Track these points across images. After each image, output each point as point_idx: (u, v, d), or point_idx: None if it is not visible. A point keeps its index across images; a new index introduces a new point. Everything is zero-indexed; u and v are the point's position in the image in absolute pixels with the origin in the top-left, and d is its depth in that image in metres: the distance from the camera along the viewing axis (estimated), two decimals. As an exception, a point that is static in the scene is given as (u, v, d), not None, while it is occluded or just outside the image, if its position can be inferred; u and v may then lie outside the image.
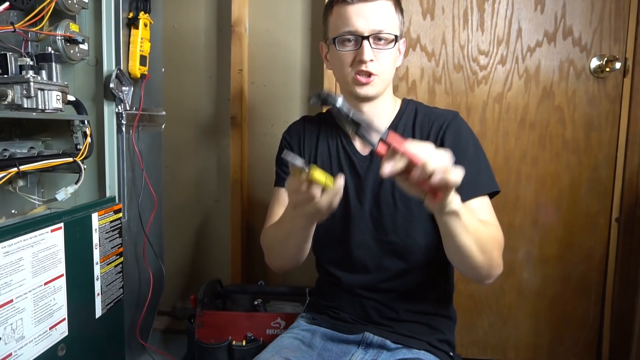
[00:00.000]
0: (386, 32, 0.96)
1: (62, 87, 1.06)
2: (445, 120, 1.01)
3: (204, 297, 1.41)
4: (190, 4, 1.70)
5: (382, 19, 0.95)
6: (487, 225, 0.92)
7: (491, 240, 0.89)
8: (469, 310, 1.66)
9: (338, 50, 0.98)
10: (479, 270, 0.89)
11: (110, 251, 1.18)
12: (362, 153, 1.04)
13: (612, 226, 1.58)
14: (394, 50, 0.98)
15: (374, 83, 0.97)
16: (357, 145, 1.06)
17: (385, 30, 0.96)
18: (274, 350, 0.99)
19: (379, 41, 0.96)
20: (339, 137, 1.07)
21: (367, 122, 0.75)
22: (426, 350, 0.99)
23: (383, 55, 0.97)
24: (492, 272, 0.91)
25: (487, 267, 0.89)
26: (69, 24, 1.13)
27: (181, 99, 1.73)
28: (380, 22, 0.95)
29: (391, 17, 0.97)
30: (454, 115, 1.02)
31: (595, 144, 1.57)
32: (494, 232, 0.92)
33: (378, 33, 0.95)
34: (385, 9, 0.96)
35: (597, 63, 1.54)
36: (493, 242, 0.90)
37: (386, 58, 0.97)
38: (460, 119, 1.03)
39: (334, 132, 1.09)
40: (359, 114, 0.76)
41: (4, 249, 0.84)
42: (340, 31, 0.97)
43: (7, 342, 0.85)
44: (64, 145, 1.22)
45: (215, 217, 1.78)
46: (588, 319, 1.63)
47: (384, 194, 1.01)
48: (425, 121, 1.03)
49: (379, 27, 0.95)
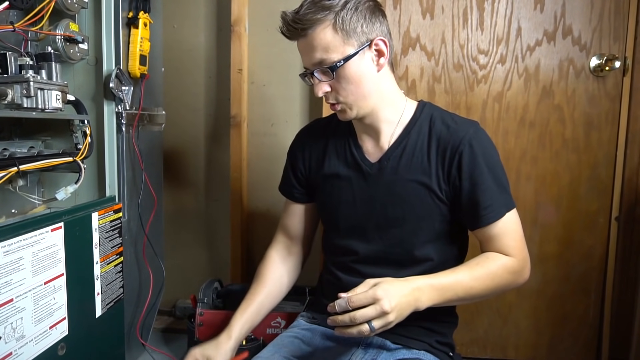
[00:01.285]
0: (328, 62, 0.89)
1: (62, 86, 1.06)
2: (462, 141, 0.93)
3: (204, 297, 1.41)
4: (190, 4, 1.70)
5: (319, 50, 0.89)
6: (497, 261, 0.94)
7: (498, 280, 0.93)
8: (468, 309, 1.66)
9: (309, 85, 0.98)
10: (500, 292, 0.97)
11: (110, 251, 1.18)
12: (370, 160, 1.01)
13: (612, 225, 1.58)
14: (350, 72, 0.90)
15: (343, 109, 0.95)
16: (366, 151, 1.02)
17: (326, 61, 0.89)
18: (274, 349, 0.99)
19: (325, 73, 0.91)
20: (348, 142, 1.04)
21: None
22: (426, 351, 0.99)
23: (338, 83, 0.92)
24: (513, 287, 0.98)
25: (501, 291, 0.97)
26: (68, 24, 1.13)
27: (181, 98, 1.73)
28: (317, 54, 0.90)
29: (329, 41, 0.89)
30: (474, 129, 0.96)
31: (595, 143, 1.57)
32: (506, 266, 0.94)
33: (319, 66, 0.91)
34: (319, 37, 0.89)
35: (596, 62, 1.54)
36: (502, 280, 0.93)
37: (342, 85, 0.91)
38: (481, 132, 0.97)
39: (343, 137, 1.05)
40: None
41: (4, 249, 0.84)
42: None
43: (7, 341, 0.85)
44: (63, 144, 1.22)
45: (215, 216, 1.78)
46: (588, 318, 1.64)
47: (393, 204, 0.99)
48: (443, 131, 0.96)
49: (317, 60, 0.90)
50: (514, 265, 0.94)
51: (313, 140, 1.10)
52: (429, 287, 0.86)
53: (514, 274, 0.95)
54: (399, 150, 0.98)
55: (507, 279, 0.94)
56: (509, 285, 0.96)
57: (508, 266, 0.94)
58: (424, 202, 0.97)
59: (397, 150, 0.98)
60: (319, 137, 1.09)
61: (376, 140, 1.01)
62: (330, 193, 1.06)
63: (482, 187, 0.93)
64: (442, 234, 0.99)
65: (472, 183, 0.93)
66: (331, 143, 1.07)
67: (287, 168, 1.15)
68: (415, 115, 1.00)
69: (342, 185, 1.04)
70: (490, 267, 0.93)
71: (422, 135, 0.98)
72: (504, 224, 0.95)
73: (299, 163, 1.11)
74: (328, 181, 1.06)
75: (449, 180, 0.95)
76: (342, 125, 1.06)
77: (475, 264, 0.92)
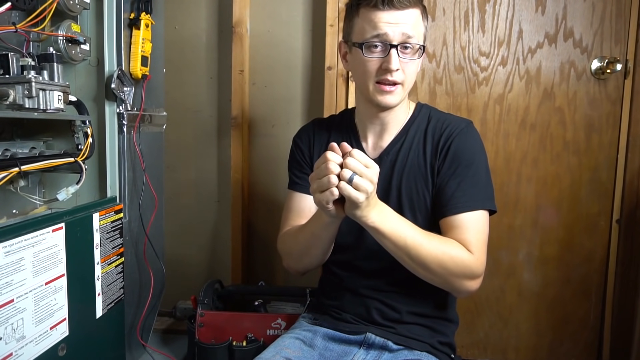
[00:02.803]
0: (414, 41, 0.93)
1: (64, 87, 1.06)
2: (457, 129, 0.99)
3: (204, 298, 1.41)
4: (191, 5, 1.70)
5: (411, 28, 0.92)
6: (453, 248, 0.91)
7: (447, 266, 0.90)
8: (469, 311, 1.66)
9: (364, 56, 0.94)
10: (437, 285, 0.95)
11: (111, 251, 1.18)
12: (371, 156, 1.04)
13: (613, 228, 1.58)
14: (419, 60, 0.96)
15: (396, 92, 0.96)
16: (367, 148, 1.06)
17: (414, 39, 0.93)
18: (274, 350, 0.99)
19: (406, 50, 0.93)
20: (349, 139, 1.07)
21: None
22: (428, 352, 0.99)
23: (409, 64, 0.94)
24: (457, 292, 0.97)
25: (446, 287, 0.95)
26: (70, 25, 1.13)
27: (182, 99, 1.73)
28: (410, 30, 0.92)
29: (419, 25, 0.94)
30: (466, 124, 1.01)
31: (596, 146, 1.57)
32: (461, 257, 0.91)
33: (406, 42, 0.92)
34: (415, 17, 0.93)
35: (598, 65, 1.54)
36: (453, 267, 0.90)
37: (412, 67, 0.95)
38: (472, 129, 1.01)
39: (344, 134, 1.09)
40: None
41: (5, 249, 0.84)
42: (368, 36, 0.93)
43: (7, 341, 0.85)
44: (65, 145, 1.22)
45: (216, 217, 1.78)
46: (588, 320, 1.63)
47: (390, 197, 1.01)
48: (437, 127, 1.01)
49: (408, 35, 0.92)
50: (470, 261, 0.91)
51: (318, 133, 1.13)
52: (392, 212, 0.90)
53: (465, 269, 0.91)
54: (397, 146, 1.03)
55: (455, 267, 0.90)
56: (452, 277, 0.91)
57: (464, 258, 0.91)
58: (420, 194, 1.00)
59: (395, 146, 1.03)
60: (324, 131, 1.13)
61: (379, 137, 1.05)
62: None
63: (459, 179, 0.96)
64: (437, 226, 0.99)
65: (452, 173, 0.97)
66: (333, 139, 1.08)
67: (296, 160, 1.14)
68: (414, 115, 1.05)
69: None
70: (447, 246, 0.91)
71: (419, 132, 1.03)
72: (470, 218, 0.94)
73: (304, 152, 1.12)
74: None
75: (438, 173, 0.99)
76: (343, 124, 1.10)
77: (436, 236, 0.92)
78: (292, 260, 1.08)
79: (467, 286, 0.94)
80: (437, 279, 0.92)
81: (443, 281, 0.93)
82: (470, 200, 0.94)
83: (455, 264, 0.90)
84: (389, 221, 0.88)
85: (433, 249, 0.89)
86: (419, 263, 0.90)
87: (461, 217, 0.94)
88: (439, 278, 0.92)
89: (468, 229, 0.93)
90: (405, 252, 0.89)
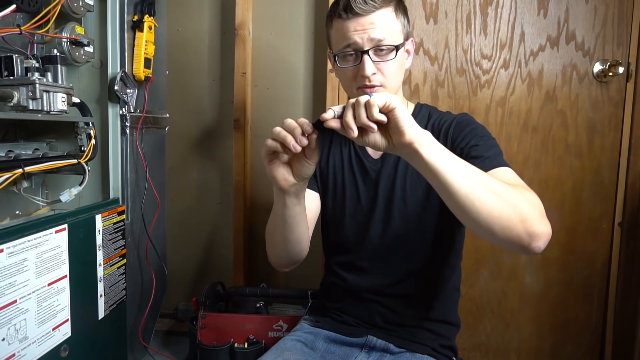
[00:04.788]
0: (386, 42, 0.92)
1: (67, 89, 1.06)
2: (453, 121, 1.00)
3: (206, 299, 1.41)
4: (194, 8, 1.71)
5: (381, 30, 0.91)
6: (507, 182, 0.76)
7: (511, 189, 0.73)
8: (471, 313, 1.65)
9: (340, 66, 0.96)
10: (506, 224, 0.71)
11: (114, 253, 1.18)
12: (373, 156, 1.04)
13: (615, 230, 1.58)
14: (398, 59, 0.95)
15: None
16: (368, 148, 1.05)
17: (385, 40, 0.92)
18: (276, 352, 0.99)
19: (380, 52, 0.93)
20: (351, 141, 1.06)
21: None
22: (429, 355, 0.99)
23: (387, 65, 0.94)
24: (532, 227, 0.71)
25: (518, 218, 0.71)
26: (74, 27, 1.13)
27: (185, 101, 1.74)
28: (379, 33, 0.91)
29: (391, 24, 0.93)
30: (464, 114, 1.02)
31: (598, 148, 1.57)
32: (519, 188, 0.76)
33: (377, 45, 0.92)
34: (383, 18, 0.92)
35: (600, 67, 1.54)
36: (515, 192, 0.73)
37: (390, 68, 0.94)
38: (468, 116, 1.02)
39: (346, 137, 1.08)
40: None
41: (8, 250, 0.84)
42: (340, 47, 0.94)
43: (10, 342, 0.85)
44: (68, 146, 1.22)
45: (218, 219, 1.78)
46: (590, 323, 1.63)
47: (396, 199, 1.00)
48: (437, 122, 1.02)
49: (378, 39, 0.91)
50: (533, 196, 0.76)
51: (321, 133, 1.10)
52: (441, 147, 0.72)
53: (535, 201, 0.75)
54: None
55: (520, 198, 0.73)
56: (521, 208, 0.71)
57: (525, 192, 0.76)
58: (424, 193, 0.99)
59: None
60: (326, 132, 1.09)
61: None
62: (334, 189, 1.07)
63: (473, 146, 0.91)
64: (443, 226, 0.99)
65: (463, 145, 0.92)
66: (335, 140, 1.09)
67: None
68: (414, 114, 1.05)
69: (345, 182, 1.05)
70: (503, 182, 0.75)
71: None
72: (506, 172, 0.85)
73: None
74: (331, 178, 1.07)
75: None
76: None
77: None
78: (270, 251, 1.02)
79: (542, 219, 0.73)
80: (506, 208, 0.71)
81: (516, 210, 0.71)
82: (498, 159, 0.88)
83: (522, 192, 0.75)
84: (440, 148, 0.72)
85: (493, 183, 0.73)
86: (486, 187, 0.71)
87: (495, 171, 0.85)
88: (510, 205, 0.71)
89: (508, 178, 0.83)
90: (469, 173, 0.72)
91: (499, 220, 0.71)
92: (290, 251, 0.96)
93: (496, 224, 0.71)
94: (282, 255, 0.99)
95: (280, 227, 0.92)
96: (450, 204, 0.73)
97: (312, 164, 0.81)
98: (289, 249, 0.96)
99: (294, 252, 0.97)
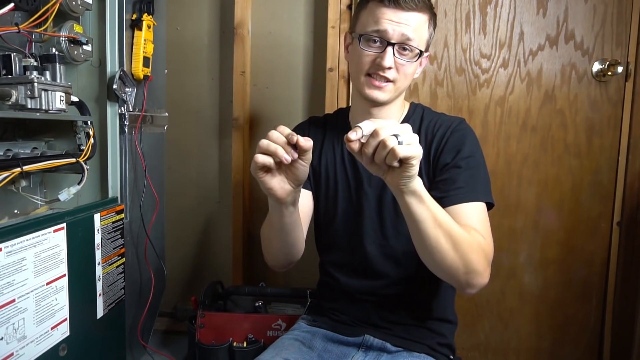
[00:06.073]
0: (413, 44, 0.93)
1: (66, 87, 1.06)
2: (452, 125, 1.00)
3: (205, 299, 1.41)
4: (193, 6, 1.71)
5: (413, 30, 0.92)
6: (469, 230, 0.85)
7: (469, 242, 0.82)
8: (469, 313, 1.65)
9: (361, 48, 0.95)
10: (453, 272, 0.82)
11: (112, 252, 1.18)
12: None
13: (614, 230, 1.58)
14: (415, 63, 0.96)
15: (387, 89, 0.96)
16: None
17: (414, 42, 0.93)
18: (274, 351, 0.99)
19: (404, 51, 0.93)
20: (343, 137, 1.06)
21: None
22: (427, 354, 0.99)
23: (405, 66, 0.94)
24: (471, 279, 0.83)
25: (464, 270, 0.82)
26: (73, 25, 1.13)
27: (184, 100, 1.74)
28: (410, 32, 0.92)
29: (422, 30, 0.94)
30: (460, 121, 1.01)
31: (597, 148, 1.57)
32: (477, 238, 0.85)
33: (405, 43, 0.92)
34: (419, 22, 0.93)
35: (599, 67, 1.54)
36: (472, 244, 0.82)
37: (407, 69, 0.95)
38: (467, 125, 1.02)
39: (339, 133, 1.08)
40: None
41: (6, 249, 0.84)
42: (369, 30, 0.93)
43: (8, 341, 0.85)
44: (67, 145, 1.22)
45: (217, 218, 1.78)
46: (589, 323, 1.63)
47: (387, 200, 1.00)
48: (431, 126, 1.02)
49: (408, 37, 0.92)
50: (484, 243, 0.86)
51: (313, 131, 1.12)
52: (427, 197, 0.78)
53: (483, 250, 0.85)
54: None
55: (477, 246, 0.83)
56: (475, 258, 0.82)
57: (480, 239, 0.85)
58: None
59: None
60: (319, 130, 1.12)
61: None
62: (327, 188, 1.07)
63: (458, 170, 0.94)
64: None
65: (451, 166, 0.95)
66: (328, 139, 1.09)
67: None
68: (409, 115, 1.06)
69: (338, 181, 1.05)
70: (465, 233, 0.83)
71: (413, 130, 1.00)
72: (473, 208, 0.91)
73: None
74: (324, 176, 1.07)
75: (435, 167, 0.98)
76: (338, 123, 1.10)
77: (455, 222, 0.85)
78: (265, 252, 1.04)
79: (483, 273, 0.84)
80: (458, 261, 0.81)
81: (465, 263, 0.81)
82: (472, 192, 0.92)
83: (477, 242, 0.84)
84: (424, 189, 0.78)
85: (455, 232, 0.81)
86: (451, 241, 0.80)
87: (463, 206, 0.91)
88: (462, 259, 0.81)
89: (472, 217, 0.90)
90: (440, 225, 0.79)
91: (448, 269, 0.83)
92: (287, 254, 0.99)
93: (444, 270, 0.84)
94: (279, 258, 1.01)
95: (277, 234, 0.94)
96: (414, 239, 0.83)
97: (306, 165, 0.81)
98: (286, 252, 0.98)
99: (291, 255, 0.99)
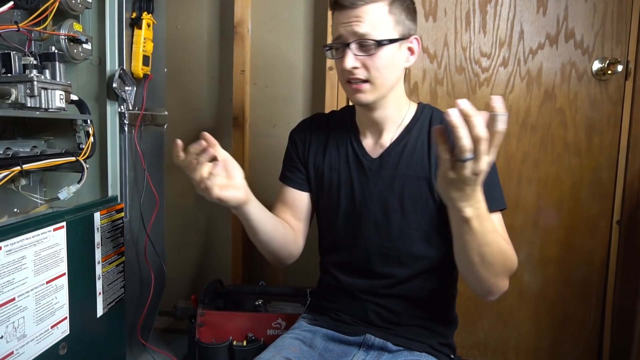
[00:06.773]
0: (370, 37, 0.89)
1: (65, 86, 1.06)
2: None
3: (205, 297, 1.41)
4: (193, 5, 1.71)
5: (367, 24, 0.89)
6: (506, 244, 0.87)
7: (504, 258, 0.84)
8: (469, 311, 1.66)
9: (331, 59, 0.96)
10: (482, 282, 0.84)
11: (112, 250, 1.18)
12: (372, 155, 1.02)
13: (614, 229, 1.58)
14: (387, 54, 0.91)
15: (366, 89, 0.93)
16: (367, 147, 1.03)
17: (369, 35, 0.89)
18: (274, 350, 0.99)
19: (362, 47, 0.91)
20: (349, 137, 1.05)
21: None
22: (427, 353, 0.99)
23: (374, 60, 0.91)
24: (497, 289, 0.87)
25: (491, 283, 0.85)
26: (72, 24, 1.13)
27: (183, 99, 1.73)
28: (363, 27, 0.89)
29: (381, 19, 0.90)
30: None
31: (597, 147, 1.57)
32: (510, 253, 0.87)
33: (360, 39, 0.90)
34: (372, 13, 0.89)
35: (599, 66, 1.54)
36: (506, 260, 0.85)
37: (376, 63, 0.91)
38: None
39: (344, 132, 1.07)
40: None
41: (6, 248, 0.84)
42: (332, 40, 0.95)
43: (8, 340, 0.85)
44: (66, 144, 1.22)
45: (217, 217, 1.78)
46: (589, 322, 1.63)
47: (391, 199, 0.99)
48: None
49: (361, 33, 0.89)
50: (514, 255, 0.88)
51: (316, 130, 1.11)
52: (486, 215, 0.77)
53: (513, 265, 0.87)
54: (400, 147, 1.00)
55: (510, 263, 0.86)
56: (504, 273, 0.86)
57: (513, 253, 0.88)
58: (423, 197, 0.97)
59: (398, 147, 1.00)
60: (322, 129, 1.11)
61: (378, 137, 1.03)
62: (330, 187, 1.06)
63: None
64: (440, 230, 0.98)
65: None
66: (332, 137, 1.08)
67: (290, 154, 1.13)
68: (417, 116, 1.03)
69: (341, 180, 1.04)
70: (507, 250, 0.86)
71: (422, 133, 1.00)
72: (496, 218, 0.92)
73: (299, 148, 1.11)
74: (327, 175, 1.06)
75: None
76: (343, 122, 1.08)
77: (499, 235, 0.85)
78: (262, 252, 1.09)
79: (507, 283, 0.88)
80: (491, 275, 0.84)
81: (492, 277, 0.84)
82: (491, 200, 0.87)
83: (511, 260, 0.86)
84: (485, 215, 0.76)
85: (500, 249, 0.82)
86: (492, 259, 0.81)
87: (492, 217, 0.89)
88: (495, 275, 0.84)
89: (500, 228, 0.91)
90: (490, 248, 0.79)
91: (479, 281, 0.85)
92: (279, 256, 1.06)
93: (475, 282, 0.86)
94: (271, 259, 1.07)
95: (258, 242, 1.02)
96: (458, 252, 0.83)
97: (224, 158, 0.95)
98: (277, 255, 1.06)
99: (282, 256, 1.06)
